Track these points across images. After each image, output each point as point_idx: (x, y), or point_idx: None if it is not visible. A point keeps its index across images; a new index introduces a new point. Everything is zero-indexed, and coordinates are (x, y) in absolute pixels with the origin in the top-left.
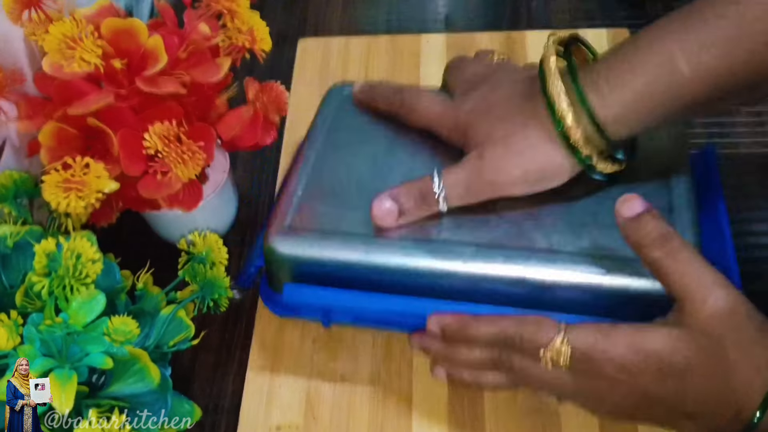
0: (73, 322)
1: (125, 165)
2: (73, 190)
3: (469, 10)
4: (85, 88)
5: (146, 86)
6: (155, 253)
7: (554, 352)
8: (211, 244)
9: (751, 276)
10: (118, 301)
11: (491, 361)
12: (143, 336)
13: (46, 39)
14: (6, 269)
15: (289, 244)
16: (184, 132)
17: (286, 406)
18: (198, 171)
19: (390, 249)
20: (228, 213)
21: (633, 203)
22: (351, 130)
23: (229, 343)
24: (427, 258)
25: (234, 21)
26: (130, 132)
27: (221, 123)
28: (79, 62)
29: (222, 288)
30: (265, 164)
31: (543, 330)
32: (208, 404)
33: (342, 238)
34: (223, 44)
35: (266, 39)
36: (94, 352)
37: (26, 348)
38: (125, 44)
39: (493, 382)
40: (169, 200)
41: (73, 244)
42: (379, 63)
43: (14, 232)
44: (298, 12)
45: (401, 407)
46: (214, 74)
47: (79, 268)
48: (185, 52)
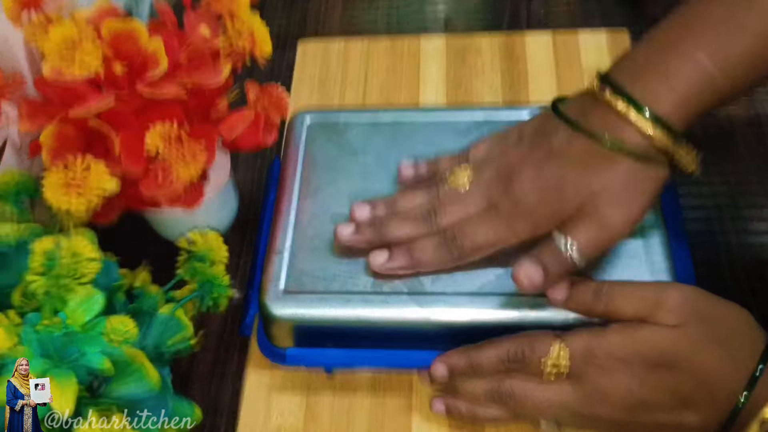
0: (71, 321)
1: (126, 165)
2: (74, 190)
3: (468, 12)
4: (85, 91)
5: (147, 90)
6: (154, 252)
7: (554, 358)
8: (211, 242)
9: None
10: (116, 299)
11: (494, 392)
12: (141, 335)
13: (46, 43)
14: (5, 269)
15: (286, 307)
16: (185, 132)
17: (286, 408)
18: (199, 172)
19: (390, 303)
20: (229, 212)
21: (560, 289)
22: (325, 168)
23: (228, 344)
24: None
25: (234, 23)
26: (131, 132)
27: (223, 124)
28: (79, 66)
29: (222, 287)
30: (264, 164)
31: (541, 341)
32: (207, 405)
33: (339, 296)
34: (224, 48)
35: (267, 42)
36: (92, 352)
37: (23, 348)
38: (125, 47)
39: (493, 415)
40: (170, 199)
41: (70, 242)
42: (379, 64)
43: (15, 232)
44: (297, 13)
45: (401, 408)
46: (215, 78)
47: (76, 268)
48: (185, 55)
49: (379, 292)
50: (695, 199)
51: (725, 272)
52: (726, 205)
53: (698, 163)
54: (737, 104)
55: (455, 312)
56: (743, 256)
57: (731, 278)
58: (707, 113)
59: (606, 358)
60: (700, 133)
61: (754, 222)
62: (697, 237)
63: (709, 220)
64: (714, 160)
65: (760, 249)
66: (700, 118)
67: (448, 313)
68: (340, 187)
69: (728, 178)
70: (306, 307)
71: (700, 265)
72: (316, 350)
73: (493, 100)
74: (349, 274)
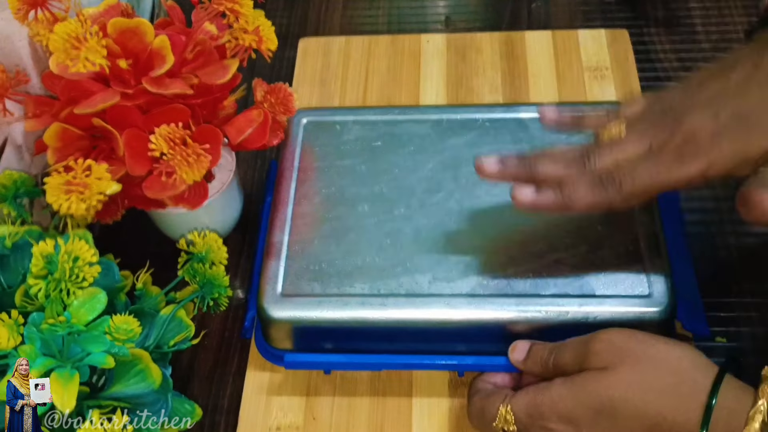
0: (75, 321)
1: (130, 165)
2: (75, 192)
3: (469, 11)
4: (91, 88)
5: (153, 87)
6: (155, 253)
7: (501, 421)
8: (210, 243)
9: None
10: (117, 301)
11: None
12: (143, 336)
13: (51, 39)
14: (5, 269)
15: (283, 309)
16: (189, 134)
17: (286, 406)
18: (203, 174)
19: (387, 305)
20: (233, 211)
21: (519, 348)
22: (321, 169)
23: (228, 343)
24: (421, 310)
25: (239, 20)
26: (135, 132)
27: (231, 126)
28: (83, 62)
29: (221, 287)
30: (265, 164)
31: (492, 403)
32: (207, 404)
33: (337, 298)
34: (229, 44)
35: (272, 38)
36: (96, 352)
37: (27, 348)
38: (131, 44)
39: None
40: (174, 199)
41: (70, 246)
42: (380, 62)
43: (13, 233)
44: (298, 12)
45: (401, 407)
46: (222, 75)
47: (76, 272)
48: (192, 53)
49: (377, 294)
50: (695, 202)
51: (724, 274)
52: (726, 208)
53: None
54: None
55: (452, 313)
56: (742, 258)
57: (730, 280)
58: None
59: (550, 413)
60: None
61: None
62: (696, 239)
63: (708, 223)
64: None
65: (760, 251)
66: None
67: (445, 314)
68: (336, 188)
69: (728, 179)
70: (303, 310)
71: (700, 265)
72: (314, 355)
73: (494, 99)
74: (346, 275)
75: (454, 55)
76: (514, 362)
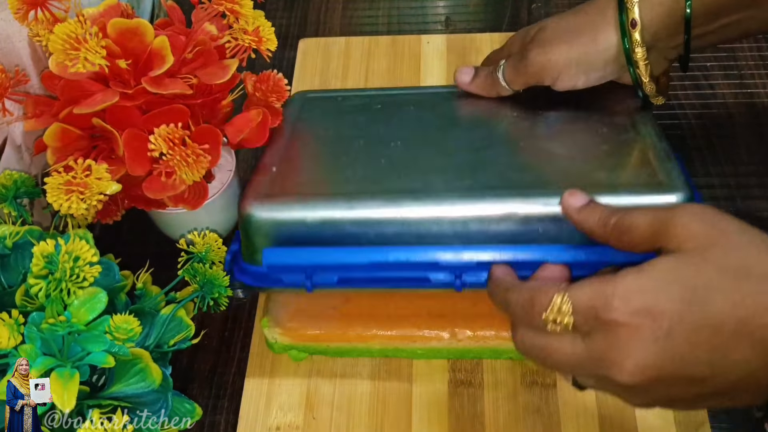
0: (75, 320)
1: (130, 165)
2: (75, 192)
3: (469, 11)
4: (91, 88)
5: (152, 87)
6: (155, 253)
7: (555, 312)
8: (210, 243)
9: None
10: (117, 300)
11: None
12: (143, 335)
13: (51, 39)
14: (5, 269)
15: (266, 209)
16: (189, 135)
17: (286, 406)
18: (202, 174)
19: (373, 201)
20: (233, 211)
21: (579, 195)
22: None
23: (229, 343)
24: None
25: (239, 21)
26: (135, 132)
27: (230, 126)
28: (83, 62)
29: (221, 287)
30: None
31: (543, 293)
32: (207, 404)
33: (321, 197)
34: (229, 44)
35: (272, 39)
36: (96, 351)
37: (27, 347)
38: (131, 44)
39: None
40: (174, 199)
41: (70, 246)
42: (380, 63)
43: (13, 232)
44: (298, 12)
45: (401, 407)
46: (222, 76)
47: (77, 272)
48: (192, 53)
49: (368, 192)
50: None
51: None
52: (726, 207)
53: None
54: (737, 105)
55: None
56: None
57: None
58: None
59: (623, 305)
60: (700, 135)
61: (754, 224)
62: None
63: None
64: (714, 161)
65: None
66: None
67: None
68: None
69: (728, 180)
70: (287, 208)
71: None
72: (295, 251)
73: None
74: (337, 179)
75: (455, 56)
76: (566, 208)
